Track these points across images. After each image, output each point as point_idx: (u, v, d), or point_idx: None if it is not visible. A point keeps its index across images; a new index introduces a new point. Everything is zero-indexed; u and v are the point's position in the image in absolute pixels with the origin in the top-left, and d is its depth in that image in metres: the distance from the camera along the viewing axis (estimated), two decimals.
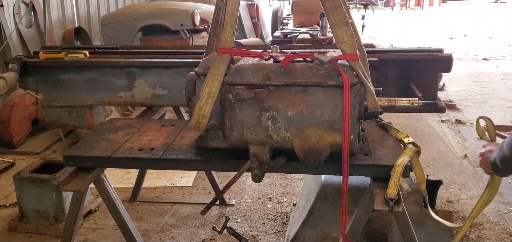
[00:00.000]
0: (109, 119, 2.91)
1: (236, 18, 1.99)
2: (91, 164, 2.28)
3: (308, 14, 8.26)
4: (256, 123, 1.95)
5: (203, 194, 4.16)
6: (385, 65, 2.97)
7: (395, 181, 1.92)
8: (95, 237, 3.49)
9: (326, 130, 1.91)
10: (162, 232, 3.54)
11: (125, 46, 3.97)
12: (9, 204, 3.96)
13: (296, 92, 1.92)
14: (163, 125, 2.72)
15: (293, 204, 3.88)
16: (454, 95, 7.28)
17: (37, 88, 3.26)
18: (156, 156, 2.24)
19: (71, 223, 2.40)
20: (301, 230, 2.84)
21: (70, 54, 3.17)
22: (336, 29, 1.94)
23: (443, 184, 3.19)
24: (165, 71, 3.10)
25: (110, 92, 3.20)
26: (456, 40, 13.44)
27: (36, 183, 3.50)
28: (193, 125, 2.08)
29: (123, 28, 7.03)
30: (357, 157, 2.10)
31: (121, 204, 2.53)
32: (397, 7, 26.79)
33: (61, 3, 7.18)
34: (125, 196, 4.04)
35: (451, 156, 4.88)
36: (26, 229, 3.54)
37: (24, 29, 6.12)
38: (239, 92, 1.91)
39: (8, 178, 4.37)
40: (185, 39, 6.86)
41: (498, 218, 3.57)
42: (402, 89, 2.96)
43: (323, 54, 1.95)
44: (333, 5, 1.92)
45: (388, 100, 2.09)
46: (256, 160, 2.02)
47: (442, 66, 2.98)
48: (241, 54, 2.13)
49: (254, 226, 3.59)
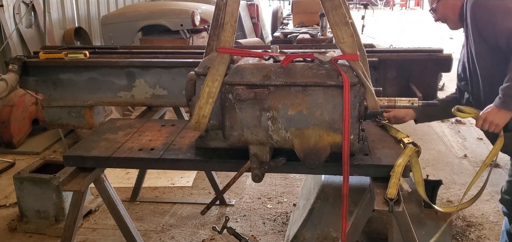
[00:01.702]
0: (109, 119, 2.92)
1: (236, 18, 1.99)
2: (91, 164, 2.28)
3: (308, 14, 8.25)
4: (256, 122, 1.95)
5: (203, 194, 4.16)
6: (385, 65, 2.96)
7: (395, 181, 1.92)
8: (95, 237, 3.49)
9: (326, 130, 1.91)
10: (162, 232, 3.54)
11: (125, 46, 3.97)
12: (9, 204, 3.96)
13: (296, 92, 1.92)
14: (163, 125, 2.72)
15: (293, 204, 3.88)
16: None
17: (37, 88, 3.26)
18: (156, 156, 2.24)
19: (71, 223, 2.40)
20: (301, 230, 2.84)
21: (70, 54, 3.17)
22: (336, 29, 1.94)
23: (443, 184, 3.19)
24: (165, 71, 3.10)
25: (110, 92, 3.20)
26: (456, 40, 13.46)
27: (36, 183, 3.50)
28: (193, 125, 2.08)
29: (123, 28, 7.03)
30: (357, 157, 2.10)
31: (121, 204, 2.53)
32: (397, 7, 26.79)
33: (61, 3, 7.18)
34: (125, 196, 4.04)
35: (451, 156, 4.88)
36: (26, 229, 3.54)
37: (24, 29, 6.12)
38: (239, 92, 1.91)
39: (8, 178, 4.37)
40: (185, 39, 6.86)
41: (498, 218, 3.57)
42: (402, 89, 2.96)
43: (323, 54, 1.95)
44: (333, 5, 1.92)
45: (388, 100, 2.09)
46: (256, 160, 2.02)
47: (442, 66, 2.98)
48: (241, 54, 2.13)
49: (254, 226, 3.59)
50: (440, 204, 3.76)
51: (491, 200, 3.86)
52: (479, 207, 3.76)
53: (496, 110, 2.16)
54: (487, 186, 3.82)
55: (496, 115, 2.15)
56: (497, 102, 2.15)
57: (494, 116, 2.16)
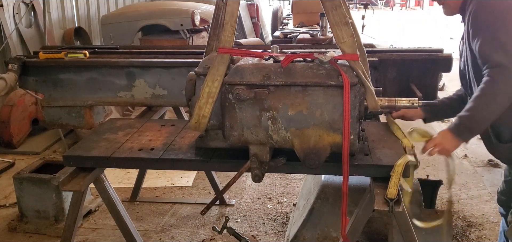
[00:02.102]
0: (109, 119, 2.91)
1: (236, 18, 1.99)
2: (91, 164, 2.28)
3: (308, 14, 8.25)
4: (256, 122, 1.95)
5: (203, 194, 4.16)
6: (385, 65, 2.96)
7: (395, 181, 1.92)
8: (95, 237, 3.49)
9: (326, 130, 1.91)
10: (162, 232, 3.54)
11: (125, 46, 3.97)
12: (9, 204, 3.96)
13: (296, 92, 1.92)
14: (163, 125, 2.71)
15: (293, 204, 3.87)
16: None
17: (37, 88, 3.26)
18: (156, 156, 2.24)
19: (71, 223, 2.40)
20: (301, 230, 2.84)
21: (70, 54, 3.17)
22: (336, 29, 1.93)
23: (443, 184, 3.19)
24: (165, 71, 3.10)
25: (110, 92, 3.20)
26: (456, 40, 13.43)
27: (36, 183, 3.50)
28: (193, 125, 2.08)
29: (123, 28, 7.03)
30: (357, 157, 2.09)
31: (121, 204, 2.53)
32: (397, 7, 26.79)
33: (61, 3, 7.18)
34: (125, 196, 4.04)
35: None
36: (26, 229, 3.54)
37: (24, 29, 6.11)
38: (239, 92, 1.91)
39: (8, 178, 4.37)
40: (185, 39, 6.85)
41: (499, 218, 3.56)
42: (402, 89, 2.95)
43: (323, 54, 1.95)
44: (333, 5, 1.92)
45: (388, 100, 2.09)
46: (256, 160, 2.01)
47: (442, 66, 2.98)
48: (241, 54, 2.13)
49: (254, 226, 3.59)
50: (440, 204, 3.76)
51: (491, 200, 3.86)
52: (479, 207, 3.76)
53: (450, 136, 2.08)
54: (487, 186, 3.80)
55: (449, 142, 2.08)
56: (451, 127, 2.08)
57: (446, 142, 2.09)
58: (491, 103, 1.98)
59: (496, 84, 1.96)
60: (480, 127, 2.08)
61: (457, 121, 2.06)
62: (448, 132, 2.09)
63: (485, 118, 2.03)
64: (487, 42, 2.00)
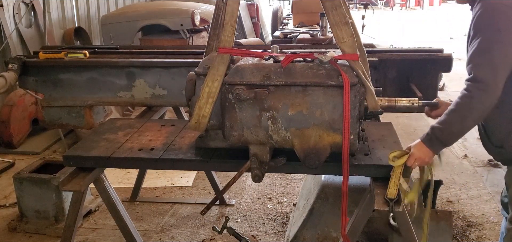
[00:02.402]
0: (109, 119, 2.92)
1: (236, 18, 1.99)
2: (91, 164, 2.28)
3: (308, 14, 8.25)
4: (256, 122, 1.95)
5: (203, 194, 4.16)
6: (385, 65, 2.97)
7: (395, 181, 1.92)
8: (95, 237, 3.49)
9: (326, 130, 1.91)
10: (162, 232, 3.54)
11: (125, 46, 3.97)
12: (9, 204, 3.96)
13: (296, 92, 1.92)
14: (163, 125, 2.72)
15: (293, 204, 3.87)
16: (454, 95, 7.19)
17: (37, 88, 3.26)
18: (156, 156, 2.24)
19: (71, 223, 2.40)
20: (301, 230, 2.84)
21: (70, 54, 3.17)
22: (336, 29, 1.94)
23: (443, 184, 3.19)
24: (165, 71, 3.10)
25: (110, 92, 3.20)
26: (456, 40, 13.46)
27: (36, 183, 3.49)
28: (193, 125, 2.08)
29: (123, 28, 7.03)
30: (357, 157, 2.10)
31: (121, 204, 2.53)
32: (397, 7, 26.77)
33: (61, 3, 7.17)
34: (125, 196, 4.04)
35: (451, 156, 4.87)
36: (26, 229, 3.54)
37: (24, 29, 6.11)
38: (239, 92, 1.91)
39: (8, 178, 4.37)
40: (185, 39, 6.85)
41: (498, 218, 3.56)
42: (402, 89, 2.96)
43: (323, 54, 1.95)
44: (333, 5, 1.92)
45: (388, 100, 2.09)
46: (256, 160, 2.02)
47: (442, 66, 2.98)
48: (241, 54, 2.13)
49: (254, 226, 3.59)
50: (440, 204, 3.77)
51: (491, 200, 3.86)
52: (479, 207, 3.76)
53: (424, 148, 2.01)
54: (487, 186, 3.81)
55: (424, 153, 2.02)
56: (424, 138, 2.02)
57: (422, 154, 2.03)
58: (466, 119, 1.95)
59: (473, 101, 1.92)
60: (453, 139, 2.04)
61: (429, 132, 2.00)
62: (422, 143, 2.03)
63: (458, 132, 1.99)
64: (480, 53, 1.94)
